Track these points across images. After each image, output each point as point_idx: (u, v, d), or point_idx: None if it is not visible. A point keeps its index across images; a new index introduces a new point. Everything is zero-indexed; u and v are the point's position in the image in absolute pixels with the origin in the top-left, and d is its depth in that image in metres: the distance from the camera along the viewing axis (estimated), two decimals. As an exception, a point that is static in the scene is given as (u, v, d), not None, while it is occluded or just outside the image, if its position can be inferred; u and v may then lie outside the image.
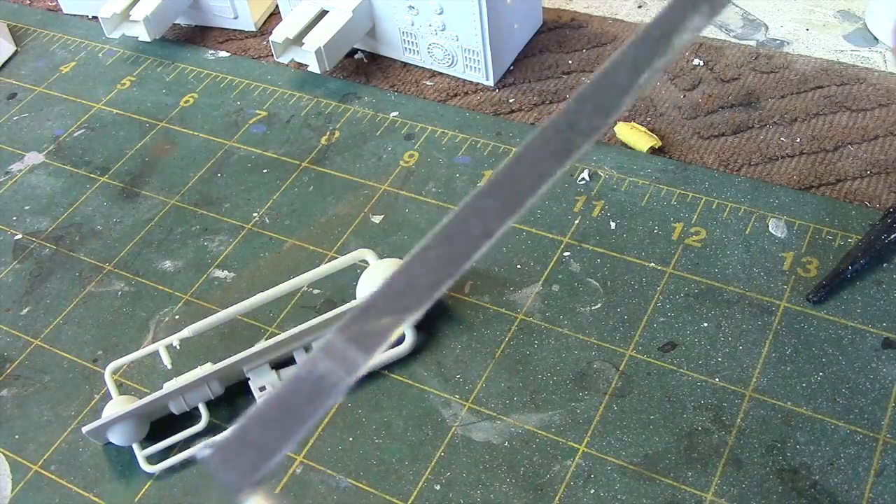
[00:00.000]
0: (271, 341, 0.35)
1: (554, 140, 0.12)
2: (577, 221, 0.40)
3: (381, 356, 0.36)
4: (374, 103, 0.48)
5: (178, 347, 0.36)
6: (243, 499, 0.12)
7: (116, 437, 0.34)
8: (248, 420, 0.12)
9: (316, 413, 0.12)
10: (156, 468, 0.34)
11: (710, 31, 0.50)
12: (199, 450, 0.31)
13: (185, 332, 0.36)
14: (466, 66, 0.48)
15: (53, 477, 0.35)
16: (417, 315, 0.12)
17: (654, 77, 0.12)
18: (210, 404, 0.35)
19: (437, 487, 0.32)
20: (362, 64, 0.51)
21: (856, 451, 0.31)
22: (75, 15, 0.59)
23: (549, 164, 0.12)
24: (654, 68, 0.12)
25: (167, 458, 0.34)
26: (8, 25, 0.58)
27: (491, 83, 0.48)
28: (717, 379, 0.34)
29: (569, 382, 0.34)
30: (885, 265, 0.36)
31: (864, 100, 0.43)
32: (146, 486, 0.34)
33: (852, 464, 0.31)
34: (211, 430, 0.35)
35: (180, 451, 0.34)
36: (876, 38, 0.48)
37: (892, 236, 0.36)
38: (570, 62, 0.49)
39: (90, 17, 0.58)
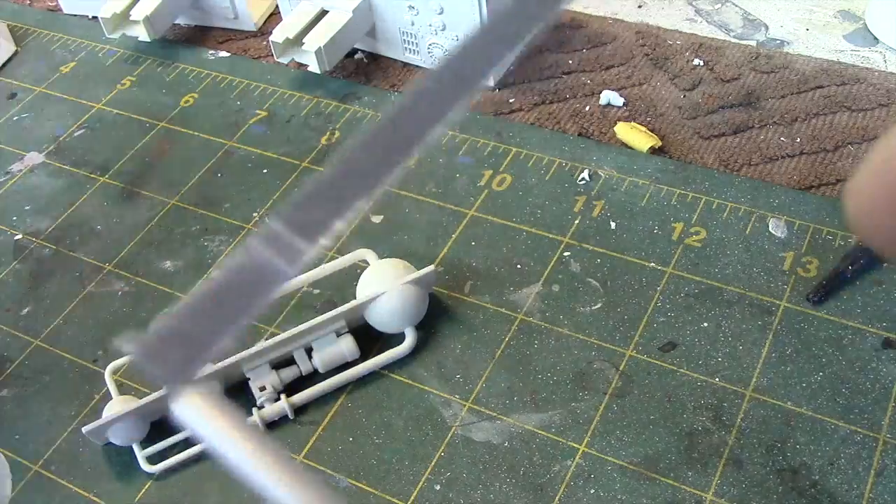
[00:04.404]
0: (271, 341, 0.35)
1: (500, 27, 0.12)
2: (577, 221, 0.40)
3: (381, 356, 0.36)
4: (374, 103, 0.48)
5: (178, 347, 0.36)
6: (177, 396, 0.11)
7: (116, 437, 0.34)
8: (181, 311, 0.11)
9: (255, 304, 0.11)
10: (156, 468, 0.34)
11: (710, 31, 0.50)
12: (123, 341, 0.29)
13: (185, 332, 0.36)
14: (466, 66, 0.48)
15: (53, 477, 0.35)
16: (361, 204, 0.12)
17: None
18: (210, 404, 0.35)
19: (437, 487, 0.32)
20: (362, 64, 0.51)
21: (856, 451, 0.31)
22: (75, 15, 0.59)
23: (496, 48, 0.12)
24: None
25: (167, 458, 0.34)
26: (8, 25, 0.58)
27: (491, 83, 0.48)
28: (717, 379, 0.34)
29: (569, 382, 0.34)
30: (885, 265, 0.36)
31: (864, 100, 0.43)
32: (146, 486, 0.34)
33: (852, 464, 0.31)
34: (211, 430, 0.35)
35: (180, 451, 0.34)
36: (876, 38, 0.48)
37: (892, 236, 0.36)
38: (570, 62, 0.49)
39: (90, 17, 0.58)
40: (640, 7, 0.52)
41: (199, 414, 0.11)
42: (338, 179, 0.12)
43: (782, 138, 0.42)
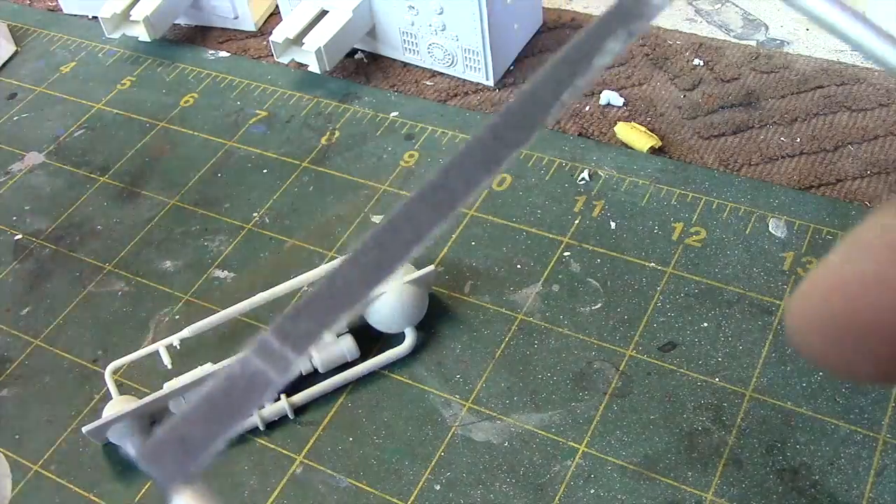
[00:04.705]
0: (271, 341, 0.35)
1: (481, 152, 0.13)
2: (577, 221, 0.40)
3: (381, 356, 0.36)
4: (374, 103, 0.48)
5: (178, 347, 0.36)
6: (173, 495, 0.12)
7: (116, 437, 0.34)
8: (179, 417, 0.12)
9: (246, 412, 0.12)
10: (156, 468, 0.34)
11: (710, 31, 0.50)
12: (128, 446, 0.31)
13: (185, 332, 0.36)
14: (466, 66, 0.48)
15: (53, 477, 0.35)
16: (351, 315, 0.13)
17: (576, 95, 0.13)
18: (210, 404, 0.35)
19: (437, 487, 0.32)
20: (362, 64, 0.51)
21: (856, 451, 0.31)
22: (75, 15, 0.59)
23: (477, 173, 0.13)
24: (576, 87, 0.13)
25: (167, 458, 0.34)
26: (8, 25, 0.58)
27: (491, 83, 0.48)
28: (717, 379, 0.34)
29: (569, 382, 0.34)
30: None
31: (864, 100, 0.43)
32: (146, 486, 0.34)
33: (852, 464, 0.31)
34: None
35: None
36: (876, 38, 0.48)
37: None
38: (570, 62, 0.48)
39: (90, 17, 0.58)
40: (640, 7, 0.52)
41: None
42: (325, 294, 0.13)
43: (782, 138, 0.42)
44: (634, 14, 0.13)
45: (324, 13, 0.49)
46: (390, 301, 0.35)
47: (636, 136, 0.43)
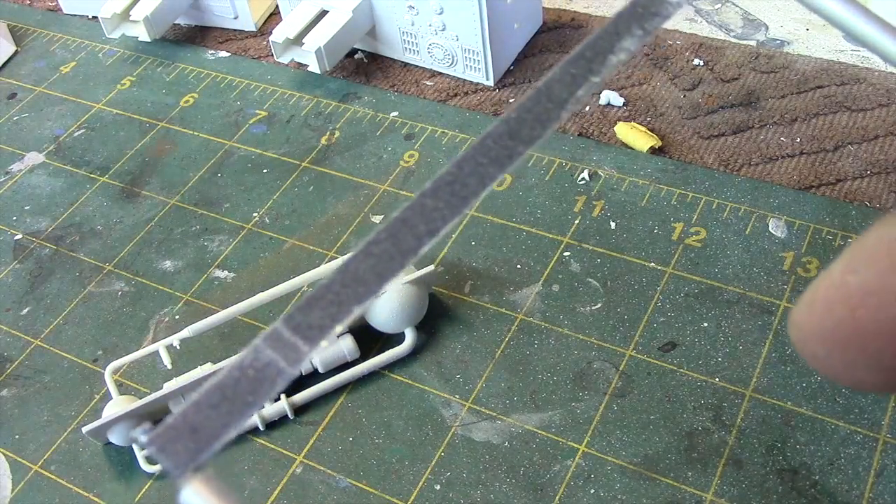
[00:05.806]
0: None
1: (495, 147, 0.13)
2: (577, 221, 0.40)
3: (381, 356, 0.36)
4: (374, 103, 0.48)
5: (178, 347, 0.36)
6: (182, 484, 0.12)
7: (116, 437, 0.34)
8: (189, 405, 0.12)
9: (258, 402, 0.12)
10: (156, 468, 0.34)
11: (710, 31, 0.50)
12: (137, 433, 0.31)
13: (185, 332, 0.36)
14: (466, 66, 0.48)
15: (53, 477, 0.35)
16: (362, 308, 0.13)
17: (590, 91, 0.13)
18: (210, 404, 0.35)
19: (437, 487, 0.32)
20: (362, 64, 0.51)
21: (856, 451, 0.31)
22: (75, 15, 0.59)
23: (490, 168, 0.13)
24: (590, 84, 0.13)
25: (167, 458, 0.34)
26: (8, 25, 0.58)
27: (491, 83, 0.48)
28: (717, 379, 0.34)
29: (569, 382, 0.34)
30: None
31: (864, 100, 0.43)
32: (146, 486, 0.34)
33: (852, 464, 0.31)
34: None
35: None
36: (876, 38, 0.48)
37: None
38: (570, 62, 0.48)
39: (90, 17, 0.58)
40: (640, 7, 0.52)
41: (202, 501, 0.12)
42: (337, 287, 0.12)
43: (782, 138, 0.42)
44: (651, 12, 0.13)
45: (324, 13, 0.49)
46: (390, 301, 0.35)
47: (636, 136, 0.43)
